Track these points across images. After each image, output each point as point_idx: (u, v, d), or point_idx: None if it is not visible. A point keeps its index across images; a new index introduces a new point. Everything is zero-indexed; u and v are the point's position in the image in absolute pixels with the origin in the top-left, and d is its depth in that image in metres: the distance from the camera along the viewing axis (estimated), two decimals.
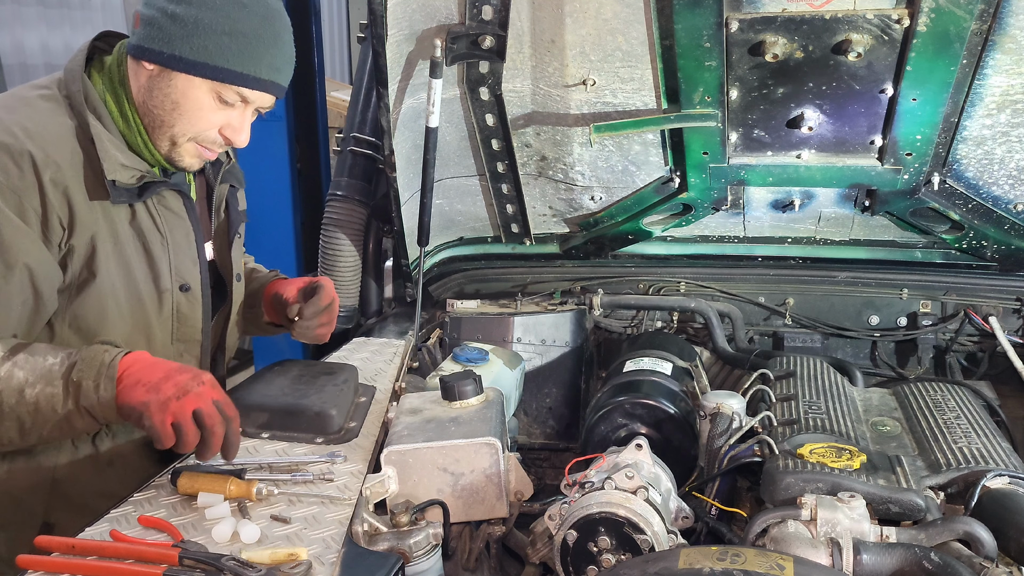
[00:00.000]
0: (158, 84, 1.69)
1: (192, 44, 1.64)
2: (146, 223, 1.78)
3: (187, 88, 1.68)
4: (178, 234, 1.84)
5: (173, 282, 1.84)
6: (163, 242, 1.81)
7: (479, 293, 2.93)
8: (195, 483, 1.54)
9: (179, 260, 1.84)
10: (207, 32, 1.63)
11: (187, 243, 1.86)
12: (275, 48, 1.71)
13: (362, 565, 1.38)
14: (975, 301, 2.64)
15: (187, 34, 1.63)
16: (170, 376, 1.56)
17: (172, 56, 1.65)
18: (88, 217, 1.66)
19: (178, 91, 1.68)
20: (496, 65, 2.32)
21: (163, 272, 1.81)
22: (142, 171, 1.73)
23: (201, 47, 1.64)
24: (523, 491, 1.75)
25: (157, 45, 1.65)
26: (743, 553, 1.24)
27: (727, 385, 2.58)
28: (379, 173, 2.75)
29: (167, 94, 1.69)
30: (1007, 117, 2.21)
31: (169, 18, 1.64)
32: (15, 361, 1.55)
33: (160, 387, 1.54)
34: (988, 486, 1.58)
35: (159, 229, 1.80)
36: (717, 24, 2.10)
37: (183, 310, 1.88)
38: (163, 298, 1.83)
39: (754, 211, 2.66)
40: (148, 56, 1.67)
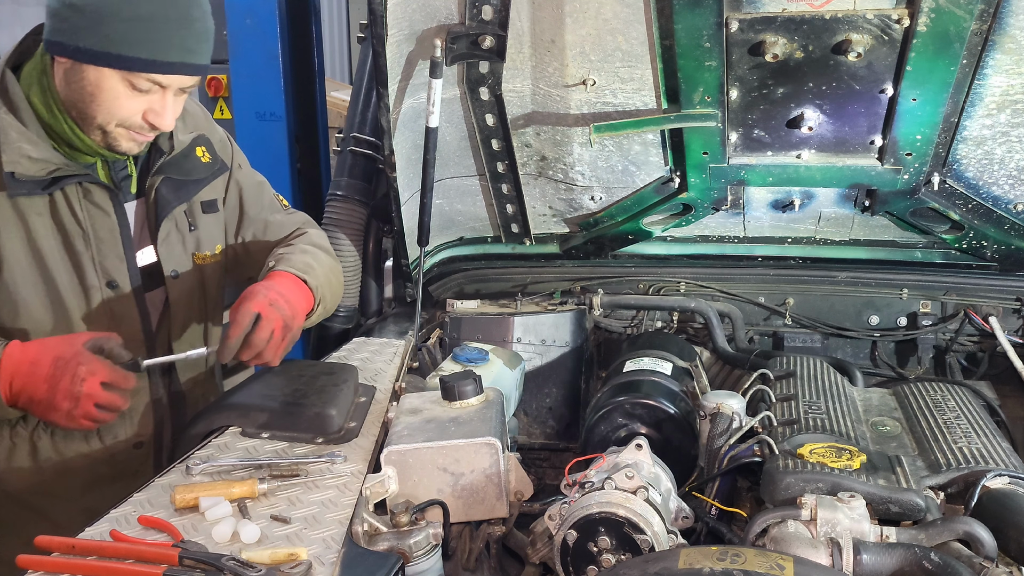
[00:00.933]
0: (73, 77, 1.66)
1: (96, 34, 1.59)
2: (66, 217, 1.74)
3: (99, 79, 1.64)
4: (101, 229, 1.80)
5: (100, 279, 1.80)
6: (84, 237, 1.77)
7: (479, 293, 2.93)
8: (192, 492, 1.53)
9: (103, 256, 1.80)
10: (109, 20, 1.59)
11: (112, 239, 1.82)
12: (184, 29, 1.66)
13: (362, 565, 1.38)
14: (975, 301, 2.64)
15: (90, 24, 1.59)
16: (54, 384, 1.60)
17: (78, 49, 1.61)
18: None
19: (91, 83, 1.65)
20: (496, 65, 2.32)
21: (87, 268, 1.78)
22: (55, 164, 1.70)
23: (105, 37, 1.60)
24: (523, 491, 1.75)
25: (64, 38, 1.62)
26: (743, 553, 1.24)
27: (727, 385, 2.58)
28: (379, 173, 2.75)
29: (82, 86, 1.66)
30: (1007, 117, 2.21)
31: (70, 8, 1.60)
32: None
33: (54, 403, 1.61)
34: (988, 486, 1.58)
35: (80, 224, 1.76)
36: (717, 24, 2.10)
37: (116, 308, 1.84)
38: (90, 295, 1.79)
39: (754, 211, 2.66)
40: (57, 50, 1.65)
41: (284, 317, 1.80)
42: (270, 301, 1.78)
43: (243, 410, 1.83)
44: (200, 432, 1.83)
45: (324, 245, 2.16)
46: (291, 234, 2.17)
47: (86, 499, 1.82)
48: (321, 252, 2.10)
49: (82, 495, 1.83)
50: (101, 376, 1.63)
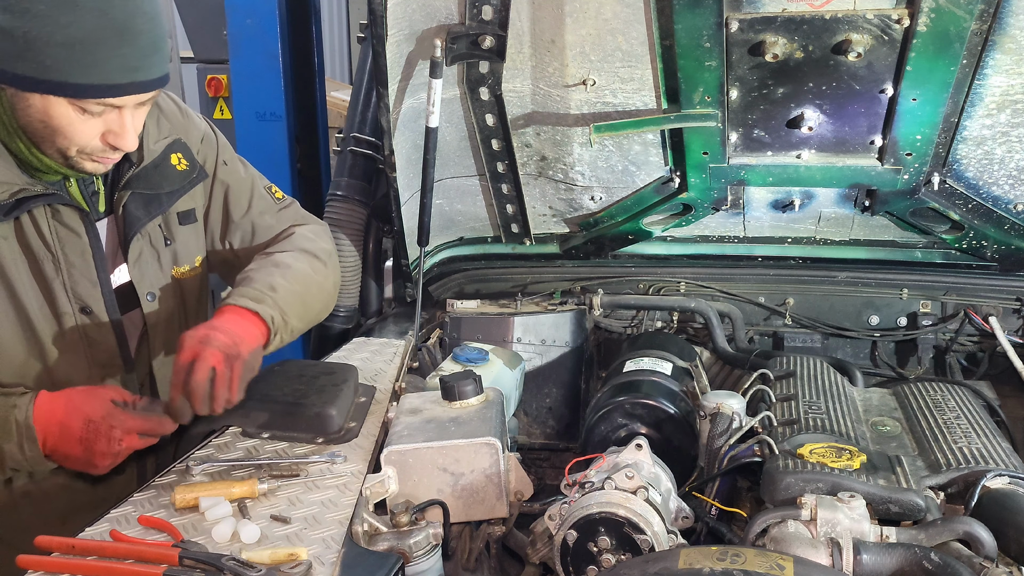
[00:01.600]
0: (19, 104, 1.53)
1: (28, 61, 1.45)
2: (34, 241, 1.64)
3: (46, 107, 1.51)
4: (72, 253, 1.68)
5: (73, 305, 1.70)
6: (54, 261, 1.66)
7: (479, 293, 2.93)
8: (193, 492, 1.53)
9: (75, 281, 1.70)
10: (39, 46, 1.44)
11: (83, 262, 1.70)
12: (125, 46, 1.50)
13: (362, 565, 1.38)
14: (975, 301, 2.64)
15: (20, 50, 1.45)
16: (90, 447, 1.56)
17: (15, 76, 1.48)
18: None
19: (39, 111, 1.52)
20: (496, 65, 2.32)
21: (58, 294, 1.68)
22: (19, 185, 1.59)
23: (38, 63, 1.46)
24: (523, 491, 1.75)
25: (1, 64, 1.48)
26: (743, 553, 1.24)
27: (727, 385, 2.58)
28: (379, 173, 2.75)
29: (31, 114, 1.53)
30: (1007, 117, 2.21)
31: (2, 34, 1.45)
32: None
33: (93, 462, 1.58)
34: (988, 486, 1.58)
35: (49, 248, 1.66)
36: (717, 24, 2.10)
37: (91, 335, 1.74)
38: (63, 321, 1.70)
39: (754, 211, 2.66)
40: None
41: (223, 348, 1.62)
42: (199, 339, 1.61)
43: (243, 410, 1.82)
44: (200, 432, 1.83)
45: (310, 247, 2.00)
46: (277, 236, 2.04)
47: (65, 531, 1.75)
48: (300, 261, 1.93)
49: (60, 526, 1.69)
50: (137, 429, 1.60)
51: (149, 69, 1.55)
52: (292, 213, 2.12)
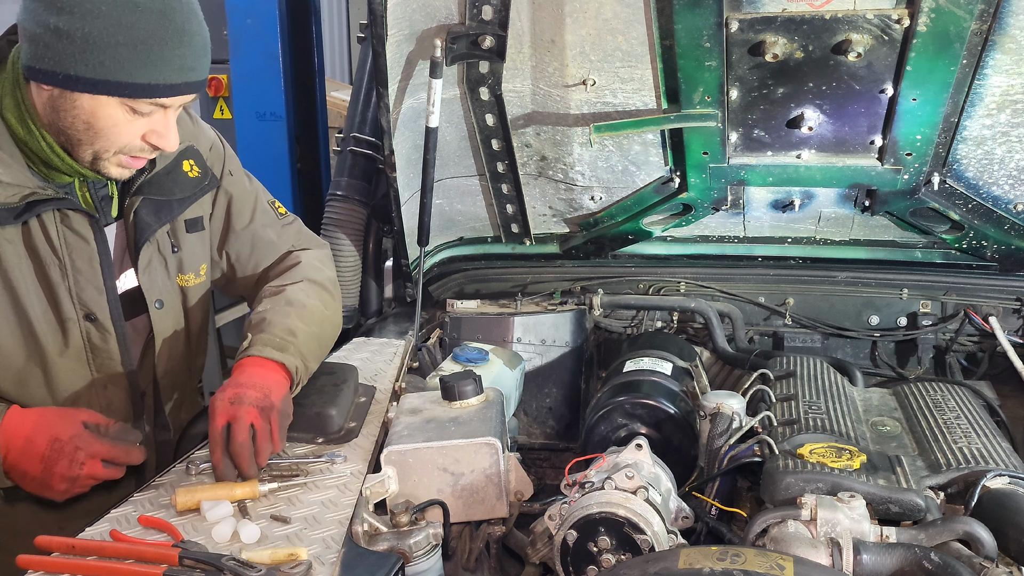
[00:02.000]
0: (62, 105, 1.51)
1: (87, 61, 1.45)
2: (41, 246, 1.61)
3: (95, 107, 1.51)
4: (80, 259, 1.67)
5: (77, 311, 1.68)
6: (61, 267, 1.64)
7: (479, 293, 2.93)
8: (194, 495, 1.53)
9: (80, 288, 1.67)
10: (100, 46, 1.44)
11: (91, 269, 1.68)
12: (181, 47, 1.52)
13: (362, 565, 1.38)
14: (975, 301, 2.64)
15: (78, 51, 1.44)
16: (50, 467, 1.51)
17: (68, 76, 1.47)
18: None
19: (86, 111, 1.51)
20: (496, 65, 2.32)
21: (63, 300, 1.65)
22: (30, 188, 1.57)
23: (98, 63, 1.45)
24: (523, 491, 1.75)
25: (48, 65, 1.47)
26: (743, 553, 1.24)
27: (727, 385, 2.58)
28: (379, 173, 2.75)
29: (75, 115, 1.52)
30: (1007, 117, 2.21)
31: (54, 34, 1.44)
32: None
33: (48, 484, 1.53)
34: (988, 486, 1.58)
35: (56, 253, 1.64)
36: (717, 24, 2.10)
37: (95, 342, 1.72)
38: (67, 328, 1.68)
39: (754, 211, 2.66)
40: (42, 78, 1.49)
41: (256, 404, 1.60)
42: (230, 400, 1.59)
43: None
44: (200, 432, 1.83)
45: (318, 278, 1.98)
46: (282, 261, 2.03)
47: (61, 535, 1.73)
48: (312, 297, 1.91)
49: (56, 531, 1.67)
50: (102, 455, 1.56)
51: (201, 70, 1.58)
52: (295, 231, 2.11)
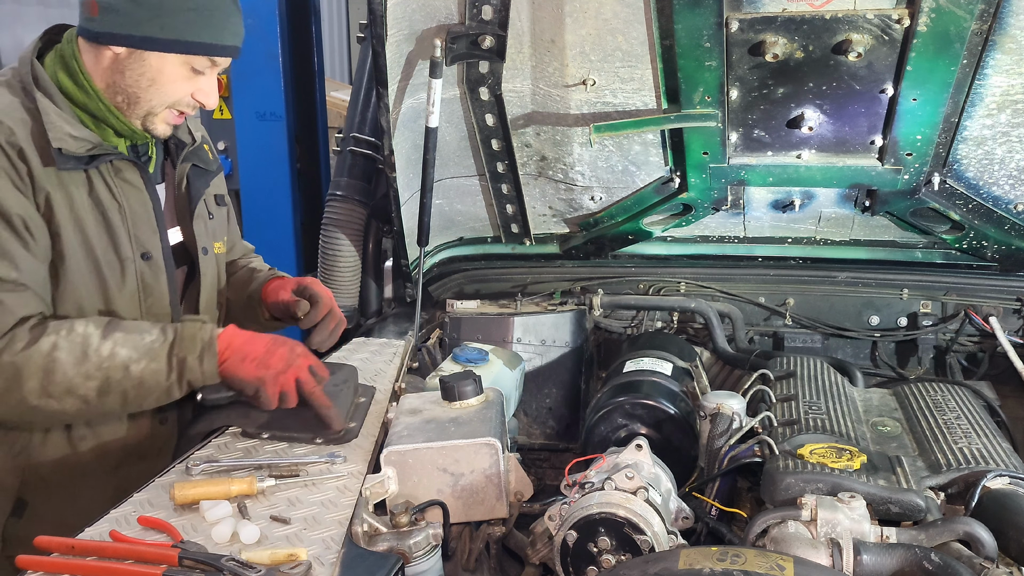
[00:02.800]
0: (129, 65, 1.77)
1: (162, 24, 1.73)
2: (103, 193, 1.83)
3: (161, 64, 1.77)
4: (135, 203, 1.88)
5: (134, 250, 1.87)
6: (120, 211, 1.85)
7: (479, 293, 2.93)
8: (192, 489, 1.53)
9: (137, 228, 1.88)
10: (173, 11, 1.73)
11: (144, 212, 1.90)
12: (234, 14, 1.82)
13: (362, 565, 1.38)
14: (975, 301, 2.64)
15: (154, 15, 1.72)
16: (272, 350, 1.81)
17: (144, 38, 1.74)
18: (43, 179, 1.73)
19: (153, 69, 1.77)
20: (496, 65, 2.32)
21: (122, 240, 1.85)
22: (92, 142, 1.79)
23: (171, 26, 1.73)
24: (523, 491, 1.75)
25: (125, 29, 1.73)
26: (743, 553, 1.24)
27: (727, 385, 2.58)
28: (379, 173, 2.75)
29: (141, 73, 1.77)
30: (1007, 117, 2.21)
31: (133, 2, 1.72)
32: (115, 339, 1.70)
33: (268, 362, 1.79)
34: (988, 486, 1.58)
35: (116, 199, 1.84)
36: (717, 24, 2.10)
37: (147, 280, 1.90)
38: (125, 267, 1.86)
39: (754, 211, 2.66)
40: (117, 41, 1.74)
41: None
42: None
43: (243, 410, 1.82)
44: (200, 432, 1.83)
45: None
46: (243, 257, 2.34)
47: (115, 479, 1.87)
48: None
49: (112, 474, 1.88)
50: (310, 360, 1.84)
51: (241, 37, 1.87)
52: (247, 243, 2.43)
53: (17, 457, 1.82)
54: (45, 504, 1.84)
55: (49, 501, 1.84)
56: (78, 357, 1.67)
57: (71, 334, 1.68)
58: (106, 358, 1.69)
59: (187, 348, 1.75)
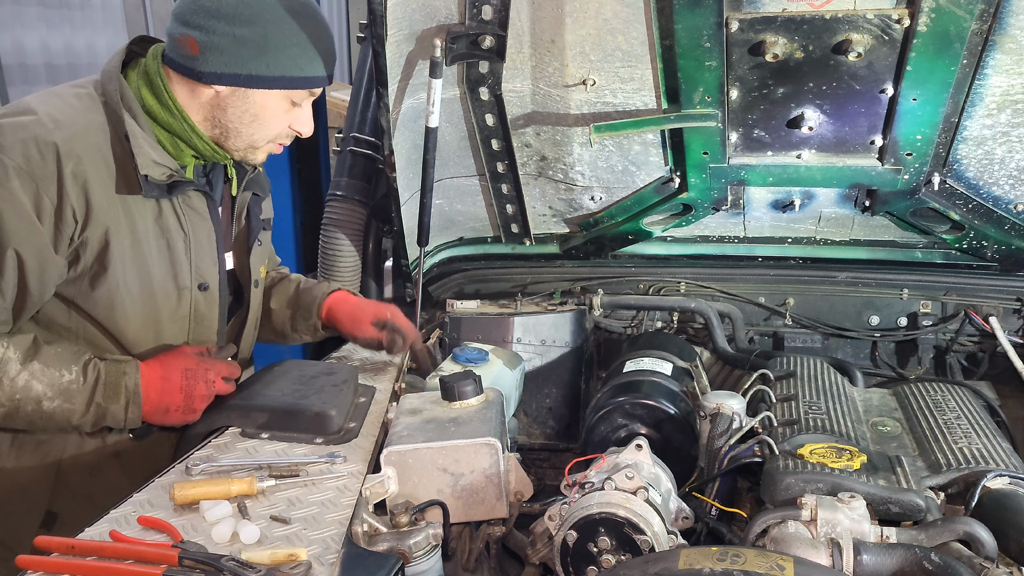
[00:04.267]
0: (232, 103, 1.77)
1: (268, 61, 1.73)
2: (171, 221, 1.83)
3: (265, 101, 1.78)
4: (200, 234, 1.88)
5: (192, 280, 1.87)
6: (186, 240, 1.85)
7: (479, 293, 2.93)
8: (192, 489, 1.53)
9: (199, 259, 1.88)
10: (278, 47, 1.73)
11: (208, 243, 1.90)
12: (329, 42, 1.83)
13: (362, 565, 1.38)
14: (975, 301, 2.64)
15: (259, 53, 1.72)
16: (191, 393, 1.78)
17: (250, 76, 1.74)
18: (105, 212, 1.70)
19: (257, 105, 1.78)
20: (496, 65, 2.32)
21: (183, 270, 1.85)
22: (172, 169, 1.79)
23: (275, 63, 1.74)
24: (523, 491, 1.75)
25: (230, 68, 1.72)
26: (743, 553, 1.24)
27: (727, 385, 2.58)
28: (379, 173, 2.75)
29: (245, 109, 1.78)
30: (1007, 117, 2.21)
31: (237, 42, 1.71)
32: (31, 371, 1.65)
33: (193, 406, 1.78)
34: (988, 486, 1.58)
35: (183, 228, 1.84)
36: (717, 24, 2.10)
37: (200, 309, 1.91)
38: (182, 295, 1.86)
39: (754, 211, 2.66)
40: (223, 81, 1.74)
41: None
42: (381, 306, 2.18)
43: (243, 410, 1.83)
44: (200, 432, 1.83)
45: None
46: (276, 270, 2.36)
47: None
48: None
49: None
50: (223, 373, 1.83)
51: (334, 64, 1.88)
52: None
53: (48, 468, 1.83)
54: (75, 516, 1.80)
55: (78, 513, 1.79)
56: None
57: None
58: (20, 389, 1.64)
59: (110, 397, 1.72)
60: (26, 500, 1.83)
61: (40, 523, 1.83)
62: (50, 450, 1.83)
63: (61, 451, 1.83)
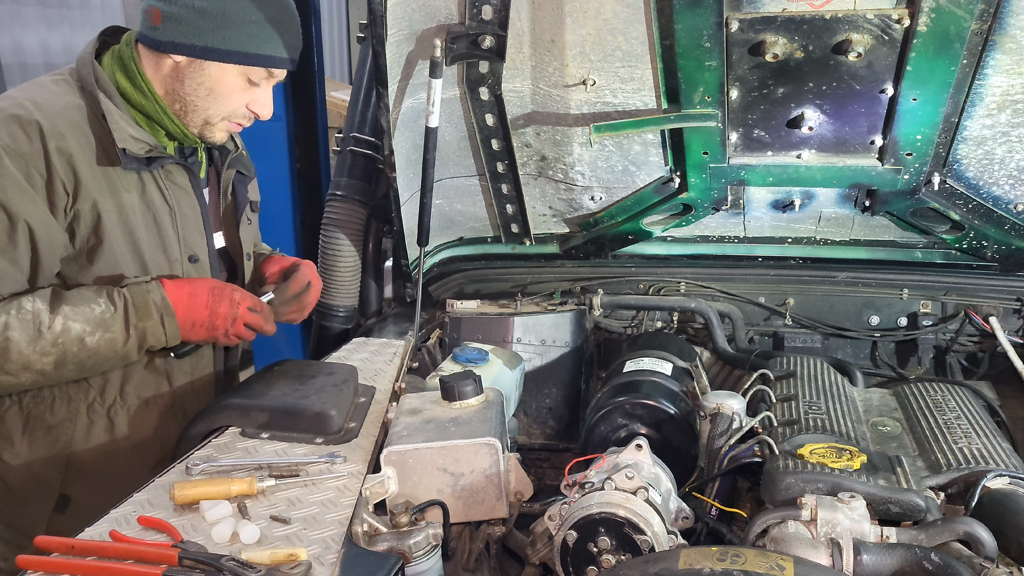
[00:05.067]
0: (189, 74, 1.83)
1: (224, 35, 1.78)
2: (155, 196, 1.88)
3: (220, 75, 1.83)
4: (185, 207, 1.94)
5: (182, 253, 1.93)
6: (171, 214, 1.91)
7: (479, 293, 2.93)
8: (192, 488, 1.53)
9: (187, 232, 1.94)
10: (236, 23, 1.78)
11: (194, 216, 1.96)
12: (292, 28, 1.88)
13: (362, 565, 1.38)
14: (975, 301, 2.64)
15: (217, 26, 1.77)
16: (215, 311, 1.86)
17: (205, 48, 1.79)
18: (92, 184, 1.76)
19: (212, 78, 1.83)
20: (496, 65, 2.32)
21: (172, 243, 1.91)
22: (150, 145, 1.84)
23: (232, 37, 1.79)
24: (523, 491, 1.75)
25: (188, 39, 1.78)
26: (743, 553, 1.24)
27: (727, 385, 2.58)
28: (379, 173, 2.75)
29: (200, 82, 1.83)
30: (1007, 117, 2.21)
31: (196, 13, 1.77)
32: (64, 314, 1.72)
33: (215, 324, 1.87)
34: (988, 486, 1.58)
35: (168, 202, 1.90)
36: (717, 24, 2.10)
37: None
38: (173, 268, 1.92)
39: (754, 211, 2.66)
40: (179, 50, 1.80)
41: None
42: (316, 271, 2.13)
43: (243, 410, 1.83)
44: (200, 432, 1.83)
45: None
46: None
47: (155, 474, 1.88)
48: None
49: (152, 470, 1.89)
50: (248, 302, 1.92)
51: (299, 51, 1.93)
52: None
53: (60, 452, 1.86)
54: (88, 499, 1.87)
55: (91, 496, 1.87)
56: (32, 335, 1.69)
57: (20, 311, 1.70)
58: (60, 333, 1.71)
59: (143, 315, 1.79)
60: (39, 486, 1.87)
61: (54, 507, 1.87)
62: (60, 435, 1.86)
63: (71, 435, 1.87)
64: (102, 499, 1.75)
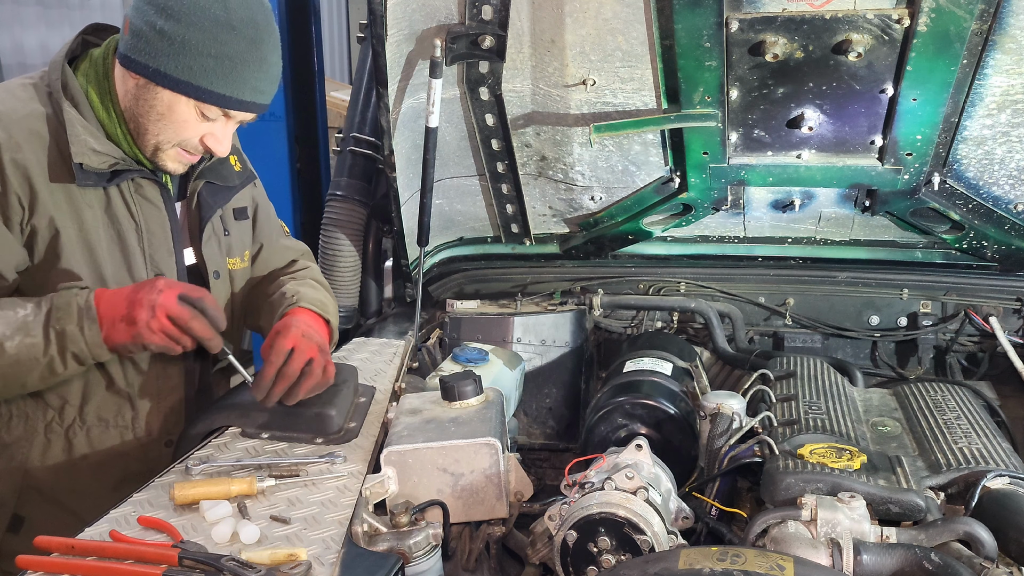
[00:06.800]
0: (144, 95, 1.71)
1: (178, 63, 1.65)
2: (120, 211, 1.79)
3: (173, 103, 1.70)
4: (153, 224, 1.84)
5: (149, 272, 1.83)
6: (138, 230, 1.81)
7: (479, 293, 2.93)
8: (192, 489, 1.53)
9: (153, 249, 1.84)
10: (193, 53, 1.64)
11: (163, 233, 1.86)
12: (260, 71, 1.72)
13: (362, 565, 1.38)
14: (975, 301, 2.64)
15: (174, 52, 1.64)
16: (133, 301, 1.66)
17: (157, 71, 1.66)
18: (48, 199, 1.68)
19: (163, 104, 1.70)
20: (496, 65, 2.32)
21: (136, 261, 1.81)
22: (116, 158, 1.74)
23: (186, 67, 1.65)
24: (523, 491, 1.75)
25: (143, 58, 1.66)
26: (743, 553, 1.24)
27: (727, 385, 2.58)
28: (379, 173, 2.75)
29: (152, 105, 1.71)
30: (1007, 117, 2.21)
31: (157, 33, 1.64)
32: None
33: (134, 316, 1.65)
34: (988, 486, 1.58)
35: (134, 218, 1.81)
36: (717, 24, 2.10)
37: None
38: None
39: (754, 211, 2.66)
40: (134, 67, 1.69)
41: (319, 344, 1.84)
42: (303, 332, 1.81)
43: (243, 410, 1.83)
44: (200, 432, 1.83)
45: (325, 282, 2.21)
46: (293, 264, 2.20)
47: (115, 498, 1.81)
48: (325, 289, 2.13)
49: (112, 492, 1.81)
50: (177, 290, 1.68)
51: (268, 95, 1.78)
52: (301, 247, 2.30)
53: (15, 471, 1.80)
54: (44, 520, 1.80)
55: (47, 517, 1.81)
56: None
57: None
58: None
59: (64, 318, 1.63)
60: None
61: (7, 527, 1.80)
62: (16, 453, 1.80)
63: (27, 453, 1.80)
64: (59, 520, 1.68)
